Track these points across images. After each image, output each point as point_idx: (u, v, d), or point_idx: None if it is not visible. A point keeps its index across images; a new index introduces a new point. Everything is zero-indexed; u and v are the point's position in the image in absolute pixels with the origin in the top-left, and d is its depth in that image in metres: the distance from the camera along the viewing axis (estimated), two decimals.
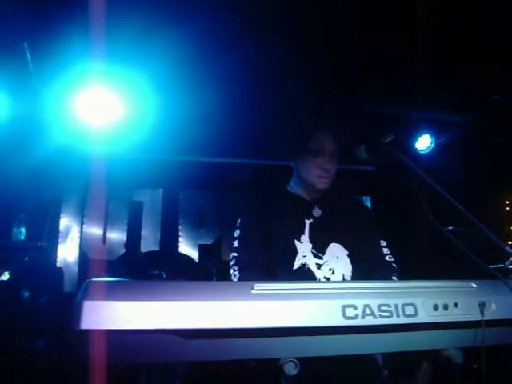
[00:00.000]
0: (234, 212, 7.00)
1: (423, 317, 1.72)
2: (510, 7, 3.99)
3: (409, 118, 5.89)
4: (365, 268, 2.89)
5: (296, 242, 2.82)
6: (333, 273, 2.79)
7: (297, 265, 2.78)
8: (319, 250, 2.82)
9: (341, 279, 2.79)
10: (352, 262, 2.86)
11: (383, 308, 1.69)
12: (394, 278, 2.85)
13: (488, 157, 6.09)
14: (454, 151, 6.32)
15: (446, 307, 1.75)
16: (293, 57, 4.50)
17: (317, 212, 2.93)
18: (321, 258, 2.81)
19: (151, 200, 7.03)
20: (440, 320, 1.74)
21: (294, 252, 2.80)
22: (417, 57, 4.46)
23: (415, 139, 6.12)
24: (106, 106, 4.91)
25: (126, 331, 1.48)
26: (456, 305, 1.76)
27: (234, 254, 2.86)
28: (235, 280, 2.76)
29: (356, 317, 1.65)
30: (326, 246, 2.84)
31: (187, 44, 4.19)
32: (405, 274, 2.89)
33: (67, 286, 6.45)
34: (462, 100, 5.56)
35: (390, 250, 2.98)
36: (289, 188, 3.08)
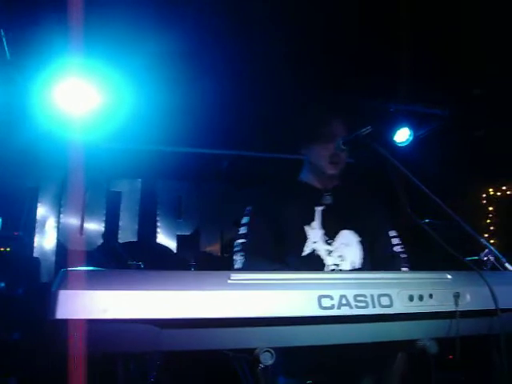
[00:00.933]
0: (212, 203, 7.09)
1: (398, 307, 1.73)
2: (489, 5, 4.03)
3: (388, 111, 5.92)
4: (374, 257, 2.91)
5: (306, 228, 2.82)
6: (342, 259, 2.79)
7: (307, 251, 2.78)
8: (330, 237, 2.82)
9: (350, 267, 2.79)
10: (363, 249, 2.86)
11: (359, 298, 1.69)
12: (404, 269, 2.84)
13: (466, 150, 6.14)
14: (432, 144, 6.36)
15: (421, 298, 1.76)
16: (274, 49, 4.50)
17: (327, 199, 2.93)
18: (330, 245, 2.81)
19: (129, 190, 7.01)
20: (415, 310, 1.75)
21: (304, 238, 2.80)
22: (397, 50, 4.48)
23: (394, 132, 6.16)
24: (83, 96, 4.89)
25: (103, 321, 1.47)
26: (431, 296, 1.78)
27: (241, 241, 2.86)
28: (239, 265, 2.77)
29: (332, 307, 1.65)
30: (337, 233, 2.84)
31: (165, 35, 4.18)
32: None
33: (44, 277, 6.42)
34: (441, 93, 5.59)
35: (400, 240, 2.98)
36: (299, 178, 3.10)
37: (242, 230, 2.90)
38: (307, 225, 2.84)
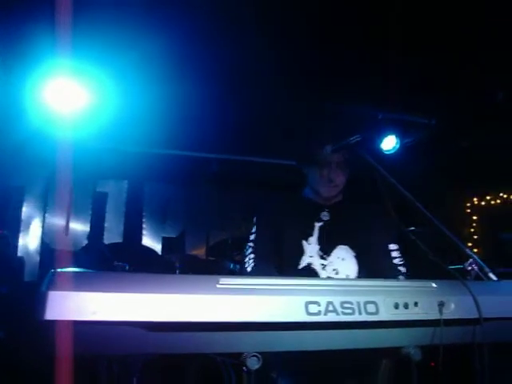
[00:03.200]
0: (198, 206, 7.11)
1: (384, 315, 1.75)
2: (479, 13, 4.08)
3: (375, 118, 5.95)
4: (372, 270, 2.94)
5: (304, 242, 2.92)
6: (336, 273, 2.88)
7: (302, 264, 2.87)
8: (325, 252, 2.90)
9: None
10: (359, 263, 2.93)
11: (346, 305, 1.71)
12: None
13: (451, 160, 6.19)
14: (418, 153, 6.40)
15: (406, 306, 1.78)
16: (264, 55, 4.52)
17: (325, 216, 3.00)
18: (325, 259, 2.89)
19: (116, 191, 7.00)
20: (400, 318, 1.77)
21: (301, 252, 2.90)
22: (385, 58, 4.51)
23: (381, 139, 6.18)
24: (71, 97, 4.87)
25: (91, 322, 1.47)
26: (416, 304, 1.80)
27: (251, 245, 2.96)
28: (249, 268, 2.86)
29: (319, 313, 1.67)
30: (333, 248, 2.92)
31: (154, 37, 4.19)
32: None
33: (28, 276, 6.39)
34: (428, 103, 5.63)
35: (400, 253, 3.02)
36: (303, 193, 3.17)
37: (251, 237, 3.00)
38: (305, 239, 2.93)
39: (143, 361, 4.16)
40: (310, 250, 2.90)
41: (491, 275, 2.19)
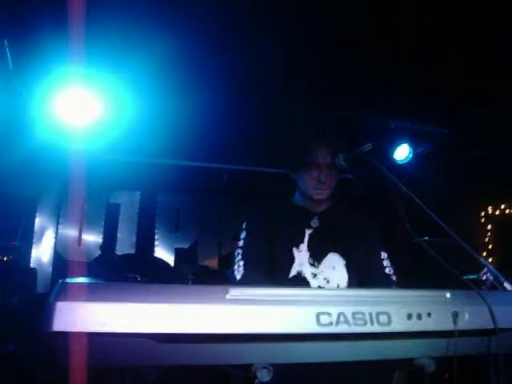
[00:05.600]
0: (210, 216, 7.10)
1: (397, 325, 1.72)
2: (489, 24, 4.06)
3: (388, 128, 5.93)
4: (363, 279, 2.96)
5: (294, 250, 2.89)
6: (327, 282, 2.86)
7: (293, 272, 2.85)
8: (315, 260, 2.88)
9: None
10: (349, 271, 2.91)
11: (357, 316, 1.68)
12: None
13: (465, 169, 6.14)
14: (431, 162, 6.36)
15: (419, 316, 1.75)
16: (276, 64, 4.52)
17: (315, 223, 2.99)
18: (316, 268, 2.87)
19: (128, 202, 7.01)
20: (413, 329, 1.74)
21: (292, 260, 2.87)
22: (397, 67, 4.50)
23: (394, 149, 6.16)
24: (85, 107, 4.88)
25: (100, 334, 1.46)
26: (429, 314, 1.77)
27: (240, 251, 2.93)
28: (239, 275, 2.81)
29: (330, 324, 1.64)
30: (324, 256, 2.90)
31: (167, 47, 4.19)
32: None
33: (40, 287, 6.40)
34: (440, 112, 5.61)
35: (390, 262, 3.03)
36: (293, 199, 3.16)
37: (240, 243, 2.97)
38: (295, 247, 2.91)
39: (155, 372, 4.14)
40: (301, 258, 2.88)
41: (506, 285, 2.16)
